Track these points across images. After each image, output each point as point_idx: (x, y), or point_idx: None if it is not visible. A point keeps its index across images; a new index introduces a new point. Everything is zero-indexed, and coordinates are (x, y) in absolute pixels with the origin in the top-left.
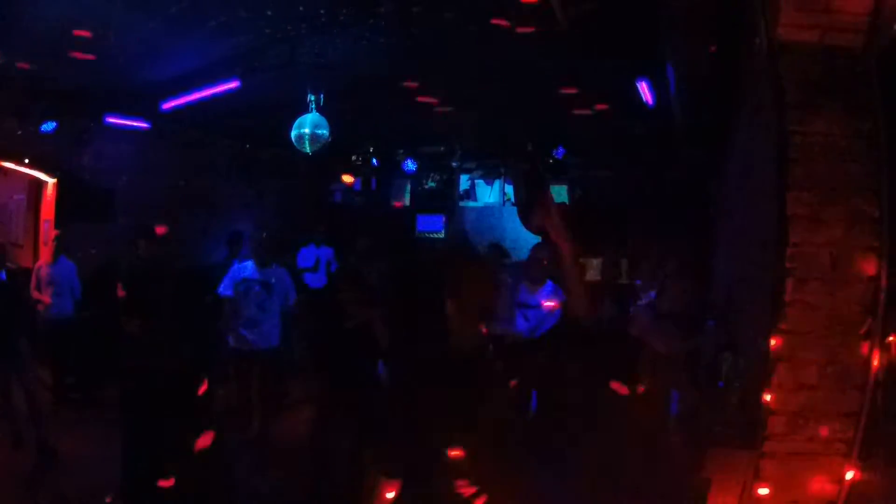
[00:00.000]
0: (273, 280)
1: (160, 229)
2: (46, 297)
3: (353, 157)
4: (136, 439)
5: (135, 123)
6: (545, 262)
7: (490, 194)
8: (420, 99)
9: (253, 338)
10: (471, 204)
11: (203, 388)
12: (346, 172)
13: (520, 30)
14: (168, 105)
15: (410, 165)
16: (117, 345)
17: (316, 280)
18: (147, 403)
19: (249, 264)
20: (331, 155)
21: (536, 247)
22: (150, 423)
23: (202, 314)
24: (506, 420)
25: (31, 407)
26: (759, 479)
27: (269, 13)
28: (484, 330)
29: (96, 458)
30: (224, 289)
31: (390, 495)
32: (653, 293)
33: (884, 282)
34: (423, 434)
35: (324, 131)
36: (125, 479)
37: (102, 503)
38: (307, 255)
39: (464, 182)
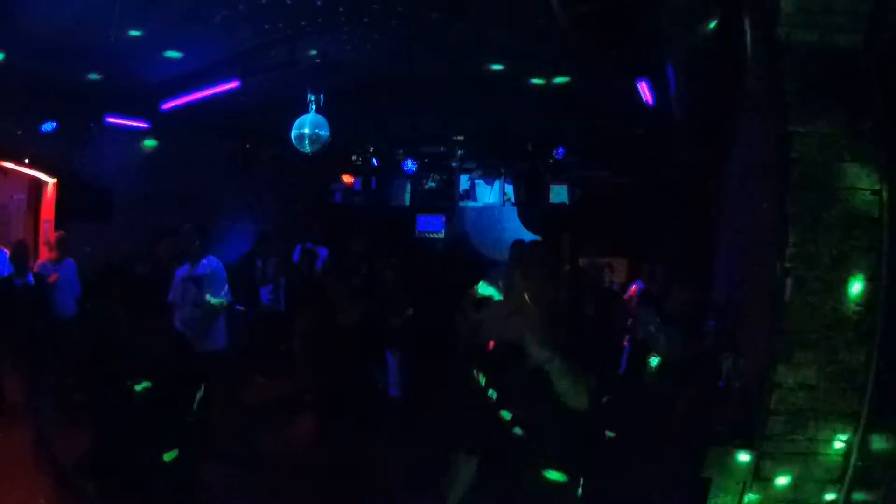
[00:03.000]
0: (202, 272)
1: None
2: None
3: (353, 157)
4: (113, 435)
5: (135, 123)
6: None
7: (490, 194)
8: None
9: (197, 338)
10: (471, 204)
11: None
12: (346, 172)
13: None
14: (168, 105)
15: (410, 165)
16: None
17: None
18: (128, 402)
19: (186, 266)
20: (331, 155)
21: (514, 245)
22: (130, 421)
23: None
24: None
25: (44, 409)
26: (759, 479)
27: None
28: None
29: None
30: (171, 295)
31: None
32: (638, 284)
33: (884, 282)
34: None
35: (324, 131)
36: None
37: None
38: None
39: (464, 182)
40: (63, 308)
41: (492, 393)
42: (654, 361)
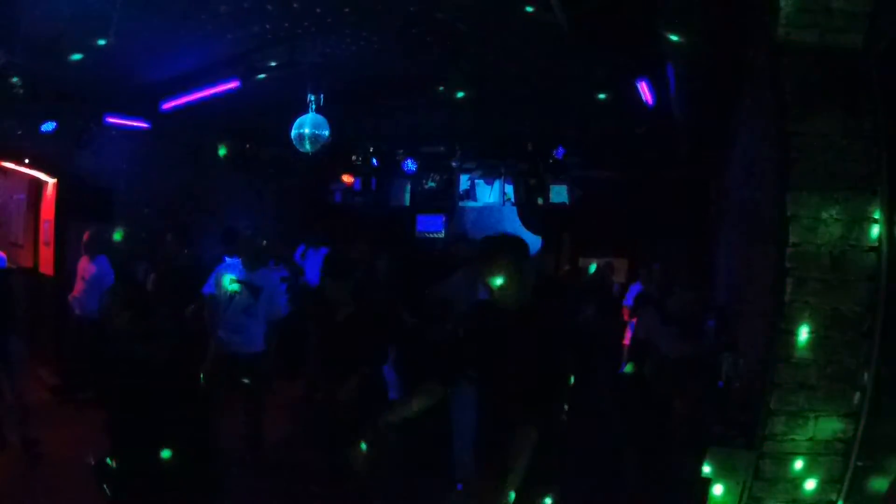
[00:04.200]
0: (261, 283)
1: None
2: (76, 294)
3: (353, 157)
4: (120, 431)
5: (135, 123)
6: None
7: (490, 194)
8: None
9: (238, 340)
10: (471, 204)
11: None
12: (346, 172)
13: None
14: (168, 105)
15: (410, 165)
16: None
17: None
18: (131, 394)
19: (237, 263)
20: (331, 155)
21: (485, 241)
22: (135, 415)
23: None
24: None
25: (19, 407)
26: (759, 479)
27: (269, 10)
28: None
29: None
30: (208, 287)
31: None
32: (637, 286)
33: (884, 281)
34: None
35: (324, 131)
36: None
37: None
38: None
39: (464, 182)
40: (82, 307)
41: None
42: (628, 368)
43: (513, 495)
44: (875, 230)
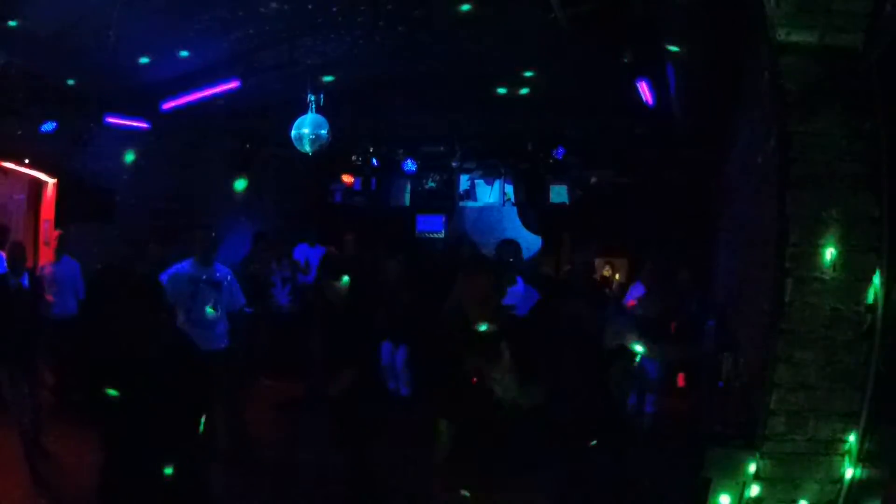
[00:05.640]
0: (221, 278)
1: None
2: (49, 297)
3: (353, 157)
4: (114, 434)
5: (135, 123)
6: (511, 260)
7: (490, 194)
8: None
9: (206, 338)
10: (471, 204)
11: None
12: (346, 172)
13: None
14: (168, 105)
15: (410, 165)
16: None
17: (306, 280)
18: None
19: (187, 263)
20: (331, 155)
21: (502, 244)
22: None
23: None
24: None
25: (34, 412)
26: (759, 479)
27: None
28: None
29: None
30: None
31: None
32: (636, 287)
33: (884, 281)
34: None
35: (324, 131)
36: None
37: None
38: (299, 255)
39: (464, 182)
40: (61, 308)
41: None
42: None
43: None
44: (875, 230)
